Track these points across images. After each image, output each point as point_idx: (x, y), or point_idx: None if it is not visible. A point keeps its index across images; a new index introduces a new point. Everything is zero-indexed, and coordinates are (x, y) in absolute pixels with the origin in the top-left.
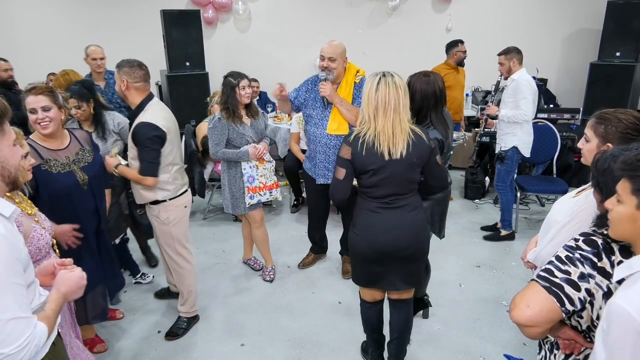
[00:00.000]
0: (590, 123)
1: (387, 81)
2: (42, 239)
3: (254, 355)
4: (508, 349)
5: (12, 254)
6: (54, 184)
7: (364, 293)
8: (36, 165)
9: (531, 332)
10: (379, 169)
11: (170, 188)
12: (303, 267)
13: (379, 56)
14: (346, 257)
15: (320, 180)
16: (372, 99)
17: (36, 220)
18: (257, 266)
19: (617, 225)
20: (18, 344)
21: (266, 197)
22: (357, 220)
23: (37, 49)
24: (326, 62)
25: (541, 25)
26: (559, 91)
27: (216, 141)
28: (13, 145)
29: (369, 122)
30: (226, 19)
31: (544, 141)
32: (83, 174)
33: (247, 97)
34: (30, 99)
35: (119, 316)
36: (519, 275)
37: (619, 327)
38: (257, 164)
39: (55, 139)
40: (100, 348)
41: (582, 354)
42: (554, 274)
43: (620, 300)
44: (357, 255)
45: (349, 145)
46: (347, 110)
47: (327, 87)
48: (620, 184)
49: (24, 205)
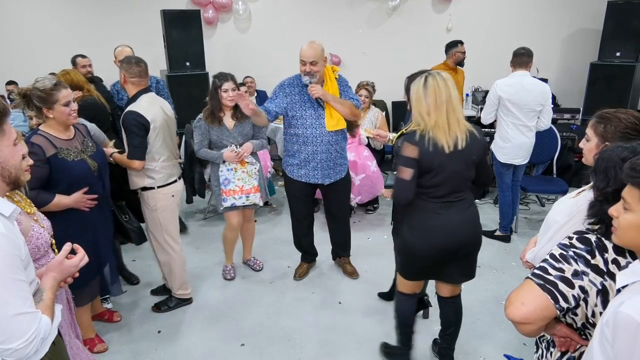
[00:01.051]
0: (590, 122)
1: (434, 77)
2: (41, 237)
3: (254, 355)
4: (508, 349)
5: (13, 252)
6: (71, 171)
7: (404, 285)
8: (52, 154)
9: (526, 329)
10: (441, 168)
11: (157, 177)
12: (299, 279)
13: (379, 56)
14: (344, 258)
15: (326, 181)
16: (422, 97)
17: (35, 219)
18: (257, 266)
19: (624, 234)
20: (25, 339)
21: (242, 202)
22: (414, 222)
23: (37, 49)
24: (308, 67)
25: (541, 26)
26: (559, 91)
27: (198, 140)
28: (14, 145)
29: (423, 120)
30: (226, 19)
31: (544, 141)
32: (92, 161)
33: (229, 100)
34: (65, 92)
35: (116, 319)
36: (519, 275)
37: (627, 337)
38: (236, 167)
39: (66, 130)
40: (100, 348)
41: (577, 352)
42: (548, 272)
43: (628, 309)
44: (414, 256)
45: (414, 144)
46: (341, 105)
47: (317, 88)
48: (627, 191)
49: (23, 204)
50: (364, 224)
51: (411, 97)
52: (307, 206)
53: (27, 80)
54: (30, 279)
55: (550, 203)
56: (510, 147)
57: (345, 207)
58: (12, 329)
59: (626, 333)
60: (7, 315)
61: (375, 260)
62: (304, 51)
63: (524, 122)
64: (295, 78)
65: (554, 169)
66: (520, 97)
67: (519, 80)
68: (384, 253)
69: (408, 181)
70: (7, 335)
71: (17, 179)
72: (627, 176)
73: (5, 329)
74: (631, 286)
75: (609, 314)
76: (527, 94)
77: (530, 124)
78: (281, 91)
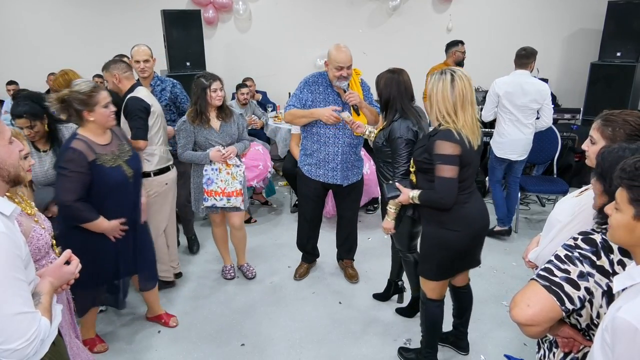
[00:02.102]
0: (596, 125)
1: (460, 75)
2: (42, 238)
3: (254, 355)
4: (508, 348)
5: (14, 251)
6: (107, 178)
7: (434, 291)
8: (92, 160)
9: (531, 331)
10: (473, 162)
11: (154, 160)
12: (299, 278)
13: (379, 56)
14: (347, 261)
15: (345, 182)
16: (449, 95)
17: (35, 220)
18: (250, 274)
19: (614, 232)
20: (25, 339)
21: (222, 204)
22: (448, 218)
23: (37, 49)
24: (346, 72)
25: (542, 26)
26: (559, 91)
27: (182, 143)
28: (9, 143)
29: (449, 118)
30: (227, 19)
31: (545, 141)
32: (128, 167)
33: (218, 100)
34: (104, 94)
35: (172, 324)
36: (519, 275)
37: (625, 342)
38: (221, 167)
39: (104, 133)
40: (101, 348)
41: (580, 352)
42: (554, 273)
43: (625, 314)
44: (453, 251)
45: (456, 142)
46: (370, 113)
47: (355, 96)
48: (618, 192)
49: (23, 205)
50: (364, 224)
51: (433, 93)
52: (318, 208)
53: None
54: (30, 278)
55: (551, 203)
56: (506, 142)
57: (355, 210)
58: (12, 329)
59: (625, 338)
60: (7, 314)
61: (376, 261)
62: (340, 56)
63: (520, 119)
64: (319, 76)
65: (554, 169)
66: (517, 96)
67: (517, 79)
68: (384, 253)
69: (455, 179)
70: (7, 335)
71: (17, 176)
72: (616, 177)
73: (5, 328)
74: (629, 290)
75: (608, 319)
76: (524, 93)
77: (527, 121)
78: (306, 87)
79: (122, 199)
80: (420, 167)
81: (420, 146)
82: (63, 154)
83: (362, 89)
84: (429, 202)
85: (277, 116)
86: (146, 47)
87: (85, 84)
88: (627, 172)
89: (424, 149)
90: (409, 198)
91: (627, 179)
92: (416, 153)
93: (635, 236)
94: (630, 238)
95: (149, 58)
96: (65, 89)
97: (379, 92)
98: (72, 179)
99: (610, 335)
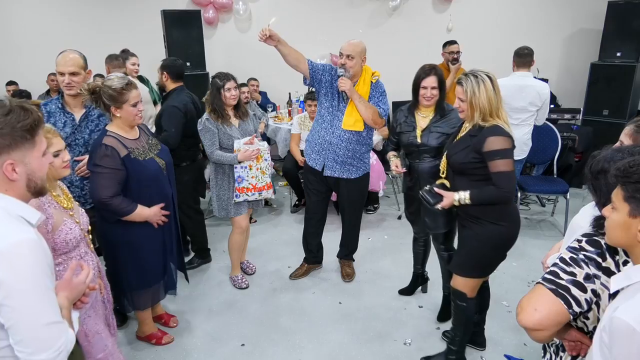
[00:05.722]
0: (628, 130)
1: (493, 78)
2: (71, 233)
3: (254, 355)
4: (508, 349)
5: (46, 259)
6: (144, 170)
7: (474, 290)
8: (125, 154)
9: (539, 335)
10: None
11: None
12: (294, 279)
13: (380, 56)
14: (345, 261)
15: (327, 173)
16: (493, 96)
17: (71, 214)
18: (250, 270)
19: (611, 232)
20: (55, 349)
21: (254, 197)
22: (500, 214)
23: (37, 49)
24: (344, 59)
25: (542, 26)
26: (559, 91)
27: (209, 142)
28: (43, 155)
29: (497, 115)
30: (227, 19)
31: (545, 141)
32: (160, 159)
33: (232, 99)
34: (135, 93)
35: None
36: (519, 275)
37: (623, 342)
38: (251, 164)
39: (133, 130)
40: (167, 339)
41: (588, 355)
42: (560, 276)
43: (622, 314)
44: (509, 244)
45: (508, 136)
46: (365, 108)
47: (346, 82)
48: (614, 191)
49: (61, 198)
50: (364, 224)
51: (477, 95)
52: (320, 203)
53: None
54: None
55: (551, 203)
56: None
57: (354, 211)
58: (43, 339)
59: (622, 338)
60: (40, 323)
61: (376, 261)
62: (344, 45)
63: (517, 120)
64: (331, 68)
65: (554, 169)
66: (515, 99)
67: (516, 81)
68: (384, 253)
69: (514, 171)
70: (37, 345)
71: (42, 188)
72: (612, 176)
73: (37, 337)
74: (625, 290)
75: (606, 319)
76: (521, 97)
77: (525, 122)
78: (326, 66)
79: (159, 190)
80: (464, 170)
81: (461, 149)
82: (95, 151)
83: (373, 88)
84: (488, 200)
85: (277, 116)
86: (77, 55)
87: (118, 80)
88: (622, 170)
89: (470, 149)
90: (454, 201)
91: (621, 176)
92: (459, 156)
93: (632, 234)
94: (627, 237)
95: (79, 70)
96: (99, 80)
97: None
98: (107, 175)
99: (608, 335)
